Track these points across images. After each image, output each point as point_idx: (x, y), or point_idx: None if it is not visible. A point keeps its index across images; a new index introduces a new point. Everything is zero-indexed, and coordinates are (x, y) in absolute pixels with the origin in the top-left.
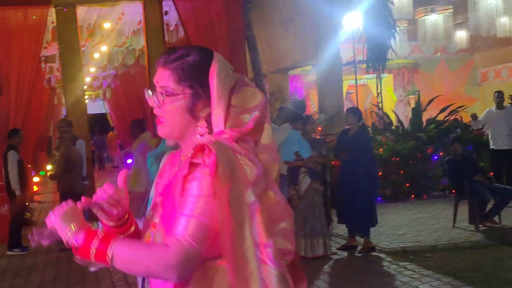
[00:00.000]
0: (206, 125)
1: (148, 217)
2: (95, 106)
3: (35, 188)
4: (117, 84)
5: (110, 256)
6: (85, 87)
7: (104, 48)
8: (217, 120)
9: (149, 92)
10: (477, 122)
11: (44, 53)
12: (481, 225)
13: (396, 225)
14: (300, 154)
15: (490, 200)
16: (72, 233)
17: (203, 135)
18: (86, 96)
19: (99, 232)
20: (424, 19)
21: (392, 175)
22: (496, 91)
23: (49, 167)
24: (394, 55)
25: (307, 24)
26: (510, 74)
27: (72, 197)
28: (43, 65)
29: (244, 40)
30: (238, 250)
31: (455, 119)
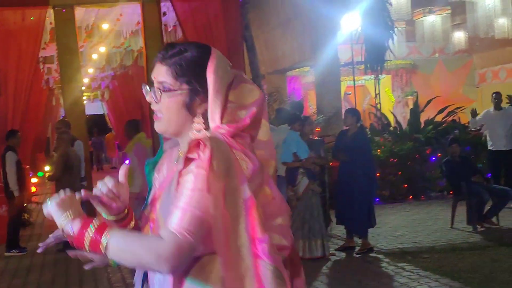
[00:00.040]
0: (203, 121)
1: (147, 212)
2: (93, 107)
3: (33, 189)
4: (115, 85)
5: (104, 245)
6: (83, 88)
7: (102, 49)
8: (214, 116)
9: (147, 88)
10: (475, 122)
11: (42, 54)
12: (479, 226)
13: (394, 226)
14: (298, 155)
15: (488, 201)
16: (68, 221)
17: (200, 131)
18: (84, 97)
19: (95, 221)
20: (422, 20)
21: (390, 176)
22: (494, 92)
23: (47, 168)
24: (392, 56)
25: (305, 25)
26: (508, 75)
27: None
28: (41, 66)
29: (242, 41)
30: (233, 245)
31: (453, 120)
